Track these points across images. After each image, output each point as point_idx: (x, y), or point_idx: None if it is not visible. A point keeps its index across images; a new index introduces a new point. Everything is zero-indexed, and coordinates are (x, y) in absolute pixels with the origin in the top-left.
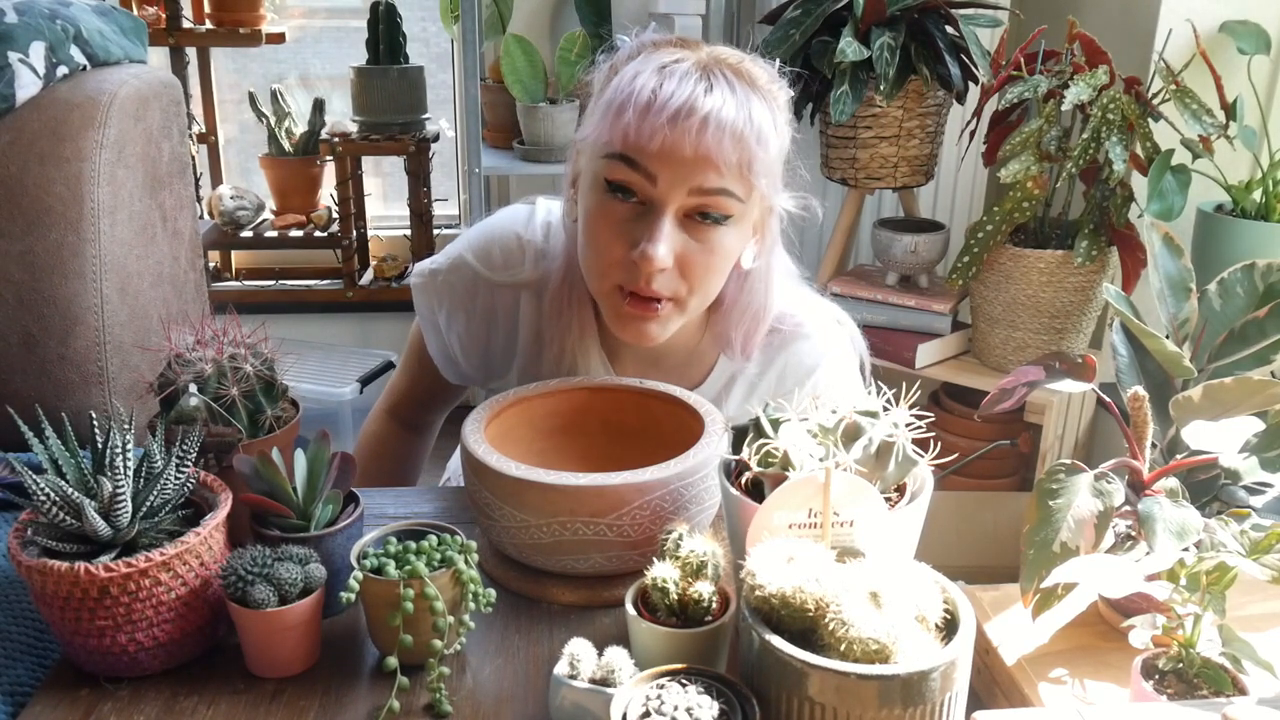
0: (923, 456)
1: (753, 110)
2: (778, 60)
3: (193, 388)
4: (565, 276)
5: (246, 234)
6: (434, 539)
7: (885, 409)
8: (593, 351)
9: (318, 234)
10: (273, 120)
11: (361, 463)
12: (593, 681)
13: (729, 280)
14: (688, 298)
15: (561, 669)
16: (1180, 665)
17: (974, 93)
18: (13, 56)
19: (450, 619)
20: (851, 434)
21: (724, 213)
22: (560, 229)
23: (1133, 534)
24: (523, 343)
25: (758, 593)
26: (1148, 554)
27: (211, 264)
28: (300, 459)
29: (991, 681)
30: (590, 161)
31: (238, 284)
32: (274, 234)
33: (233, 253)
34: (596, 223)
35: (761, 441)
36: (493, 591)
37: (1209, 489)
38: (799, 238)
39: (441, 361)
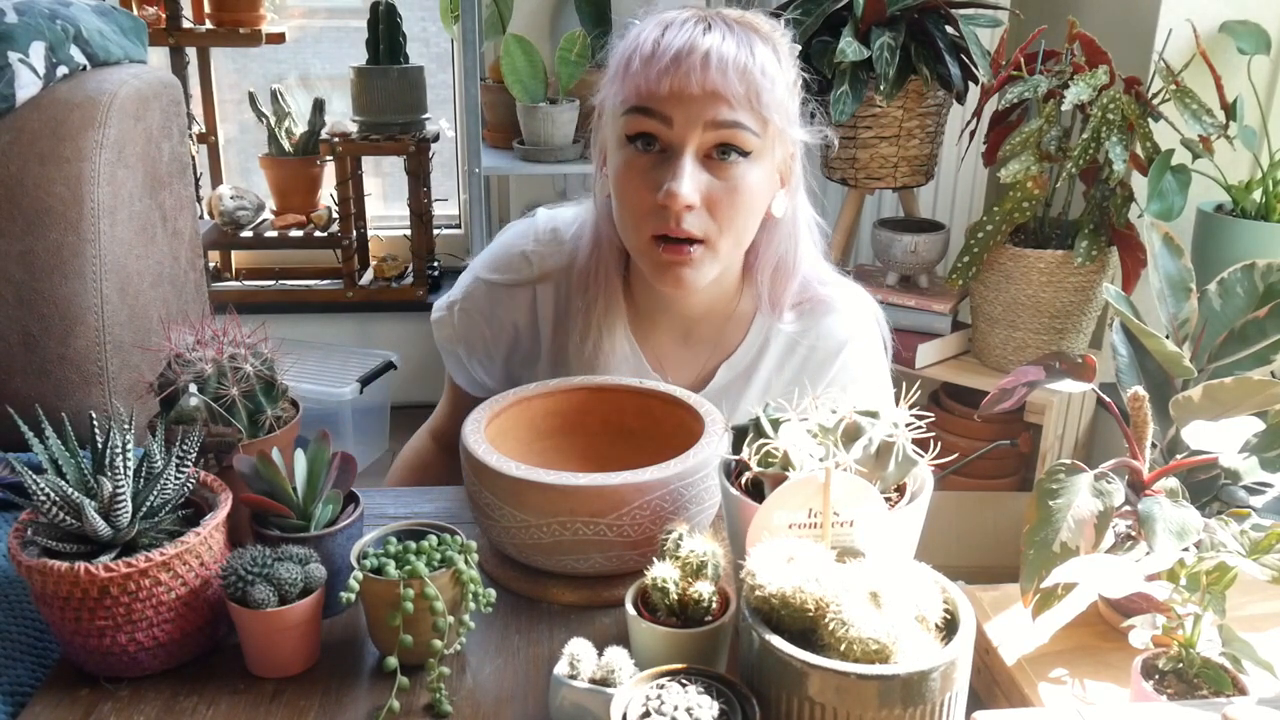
0: (923, 456)
1: (754, 47)
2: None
3: (193, 388)
4: (593, 253)
5: (246, 234)
6: (434, 539)
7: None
8: (618, 328)
9: (318, 234)
10: (273, 120)
11: (401, 481)
12: (593, 681)
13: (760, 232)
14: (718, 239)
15: (561, 669)
16: (1180, 665)
17: (974, 93)
18: (13, 56)
19: (450, 619)
20: (851, 434)
21: (742, 147)
22: (567, 225)
23: (1133, 534)
24: (546, 335)
25: (758, 593)
26: (1148, 554)
27: (211, 264)
28: (300, 459)
29: (991, 681)
30: (611, 126)
31: (238, 284)
32: (274, 234)
33: (233, 253)
34: (624, 178)
35: (761, 441)
36: (493, 591)
37: (1209, 489)
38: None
39: (472, 389)
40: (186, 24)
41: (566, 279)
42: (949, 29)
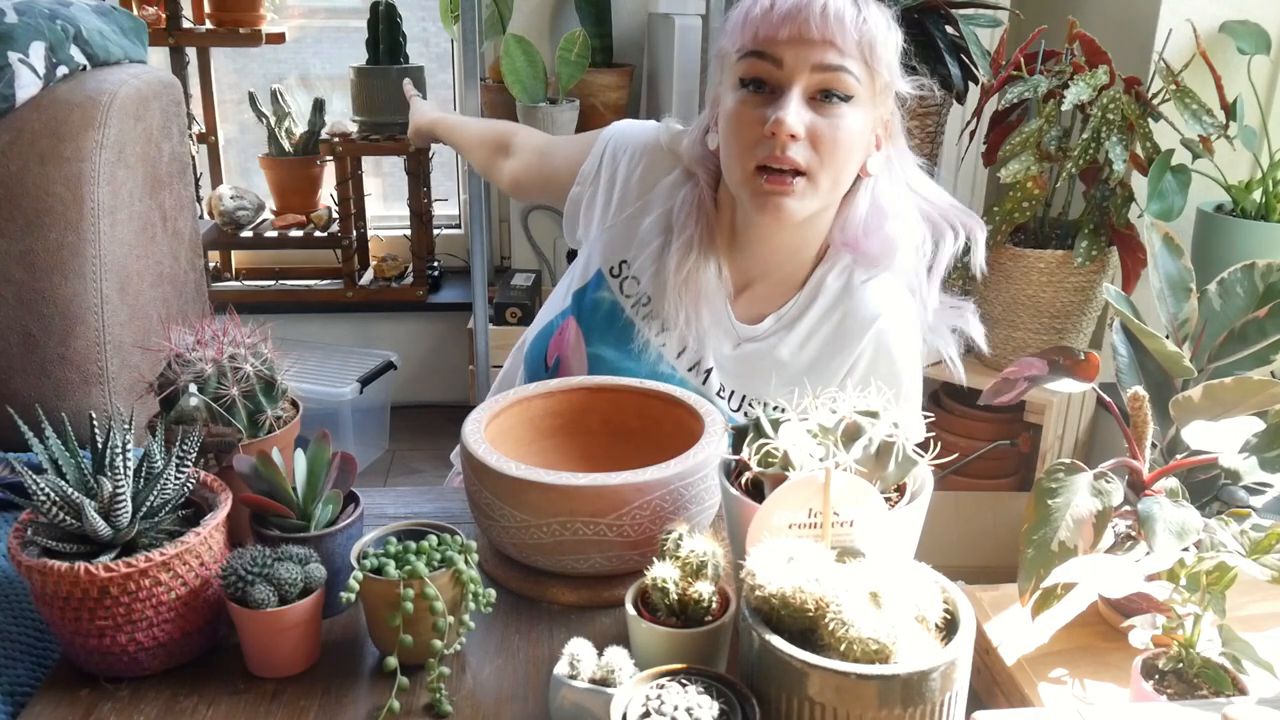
0: (923, 456)
1: (867, 6)
2: None
3: (193, 388)
4: (707, 186)
5: (246, 234)
6: (434, 539)
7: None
8: (710, 256)
9: (318, 234)
10: (273, 120)
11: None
12: (593, 681)
13: (853, 189)
14: (819, 172)
15: (561, 669)
16: (1180, 665)
17: (974, 93)
18: (13, 56)
19: (450, 619)
20: (851, 434)
21: (846, 91)
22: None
23: (1133, 534)
24: (655, 205)
25: (758, 593)
26: (1148, 554)
27: (211, 264)
28: (300, 459)
29: (991, 681)
30: (728, 72)
31: (238, 284)
32: (274, 234)
33: (233, 253)
34: (735, 116)
35: (761, 441)
36: (493, 591)
37: (1209, 489)
38: None
39: (583, 179)
40: (186, 24)
41: (680, 189)
42: (949, 29)
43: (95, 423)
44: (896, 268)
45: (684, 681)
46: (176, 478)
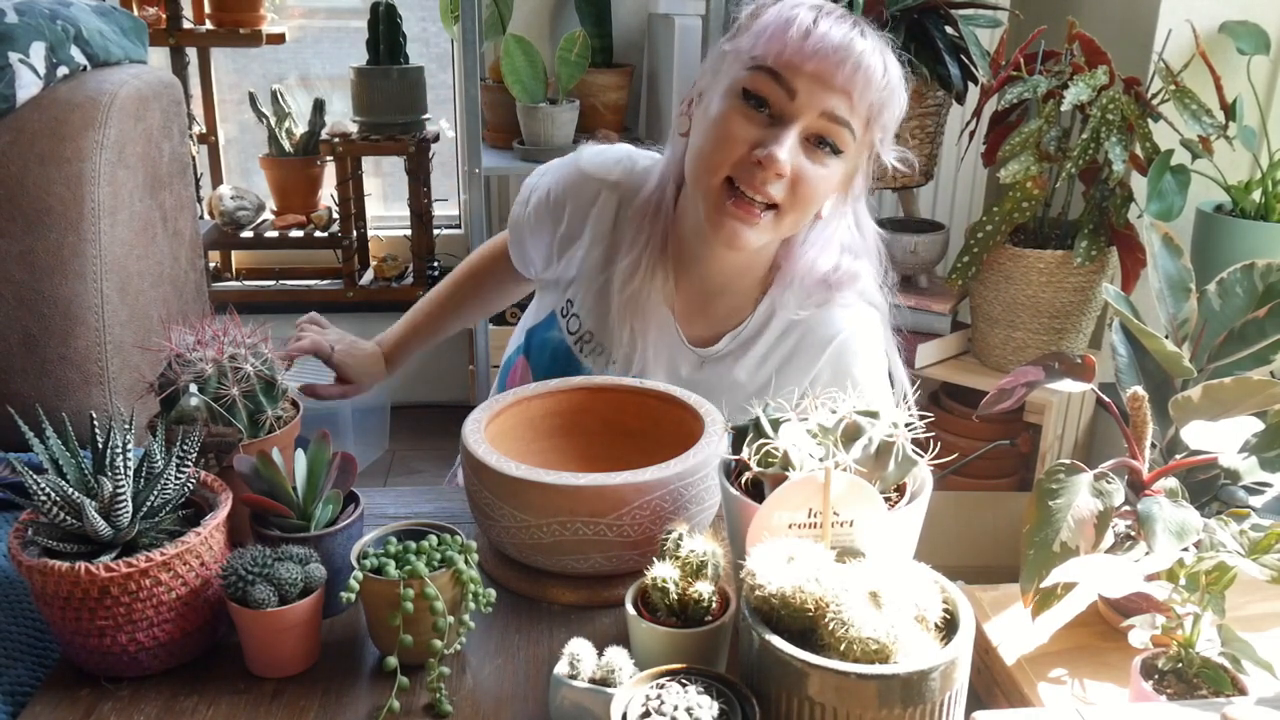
0: (923, 456)
1: (890, 66)
2: None
3: (193, 388)
4: (657, 191)
5: (247, 234)
6: (434, 539)
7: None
8: (658, 270)
9: (318, 234)
10: (273, 120)
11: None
12: (593, 681)
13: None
14: (788, 211)
15: (561, 669)
16: (1180, 665)
17: (974, 93)
18: (13, 57)
19: (450, 619)
20: (851, 434)
21: (840, 144)
22: (644, 168)
23: (1132, 534)
24: (590, 238)
25: (758, 593)
26: (1147, 554)
27: (212, 264)
28: (300, 459)
29: (991, 681)
30: (729, 71)
31: (238, 284)
32: (274, 234)
33: (233, 253)
34: (725, 122)
35: (761, 441)
36: (493, 591)
37: (1208, 489)
38: None
39: (521, 264)
40: (187, 24)
41: (628, 203)
42: (948, 29)
43: (96, 423)
44: (853, 288)
45: (684, 681)
46: (177, 478)
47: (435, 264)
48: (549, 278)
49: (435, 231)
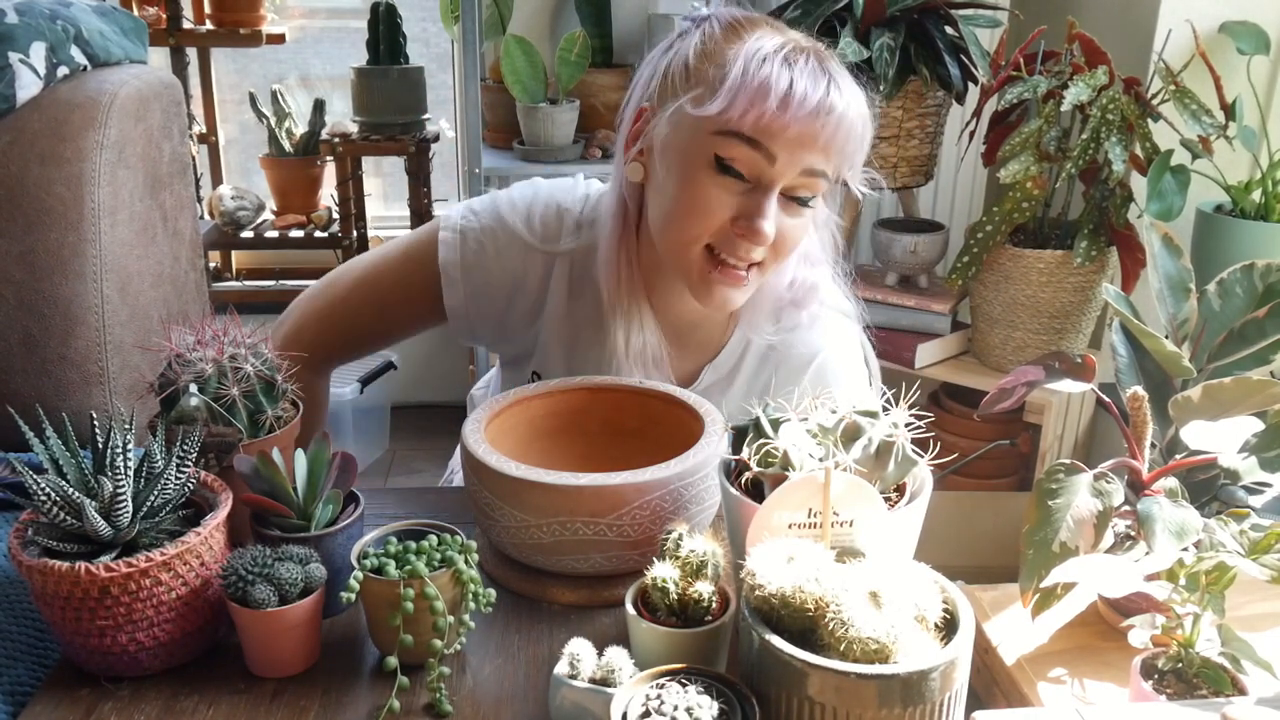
0: (922, 456)
1: (865, 111)
2: None
3: (193, 388)
4: (619, 238)
5: (247, 234)
6: (434, 539)
7: (885, 409)
8: (647, 319)
9: (318, 234)
10: (273, 120)
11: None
12: (593, 681)
13: None
14: (770, 264)
15: (561, 669)
16: (1179, 665)
17: (974, 93)
18: (13, 57)
19: (450, 619)
20: (851, 434)
21: (815, 193)
22: (597, 202)
23: (1132, 534)
24: (550, 310)
25: (758, 593)
26: (1147, 554)
27: (212, 264)
28: (300, 459)
29: (991, 681)
30: (696, 131)
31: (238, 284)
32: (274, 234)
33: (233, 253)
34: (701, 193)
35: (761, 441)
36: (493, 591)
37: (1208, 489)
38: None
39: (455, 316)
40: (187, 24)
41: (584, 259)
42: (949, 29)
43: (96, 423)
44: (815, 298)
45: (684, 681)
46: (177, 478)
47: None
48: (498, 345)
49: None
